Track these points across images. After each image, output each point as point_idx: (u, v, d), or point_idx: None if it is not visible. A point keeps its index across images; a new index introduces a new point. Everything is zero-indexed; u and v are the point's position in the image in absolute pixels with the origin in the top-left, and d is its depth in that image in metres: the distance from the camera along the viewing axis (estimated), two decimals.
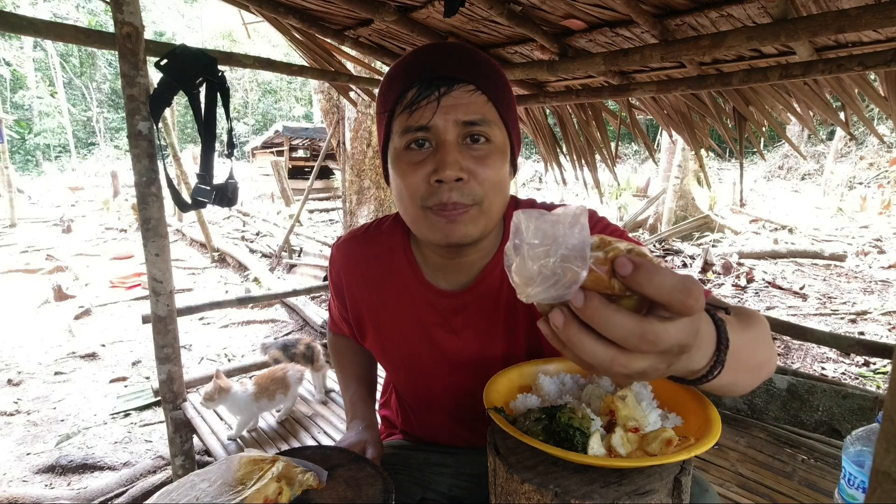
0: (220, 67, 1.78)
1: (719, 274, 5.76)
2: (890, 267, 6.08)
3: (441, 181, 0.70)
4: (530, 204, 0.89)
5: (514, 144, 0.78)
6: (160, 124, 1.70)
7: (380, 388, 1.23)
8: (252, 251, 7.40)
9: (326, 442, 1.73)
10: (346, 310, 0.98)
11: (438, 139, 0.70)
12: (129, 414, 3.08)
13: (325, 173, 14.49)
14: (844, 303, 4.92)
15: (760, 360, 0.59)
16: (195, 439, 1.93)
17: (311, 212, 11.47)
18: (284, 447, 1.66)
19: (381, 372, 1.13)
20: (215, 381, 1.70)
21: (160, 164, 1.67)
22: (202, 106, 1.76)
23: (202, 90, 1.75)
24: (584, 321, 0.39)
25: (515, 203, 0.88)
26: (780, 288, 5.39)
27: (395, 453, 1.01)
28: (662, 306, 0.39)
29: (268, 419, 1.90)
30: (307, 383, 2.14)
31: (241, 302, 2.78)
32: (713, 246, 7.06)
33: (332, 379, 2.15)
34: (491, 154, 0.73)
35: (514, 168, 0.81)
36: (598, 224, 0.84)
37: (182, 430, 1.90)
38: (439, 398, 0.96)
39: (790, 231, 8.19)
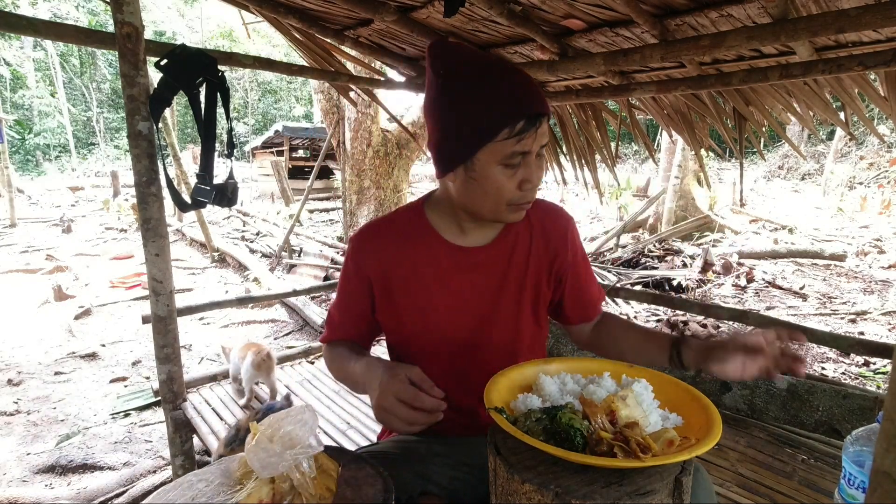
0: (220, 67, 1.78)
1: (719, 274, 5.76)
2: (890, 267, 6.08)
3: (531, 186, 0.93)
4: None
5: None
6: (160, 124, 1.70)
7: None
8: (252, 251, 7.40)
9: (326, 442, 1.73)
10: (363, 294, 1.05)
11: (528, 158, 0.91)
12: (129, 414, 3.08)
13: (325, 173, 14.47)
14: (844, 303, 4.92)
15: None
16: (195, 439, 1.93)
17: (311, 212, 11.47)
18: None
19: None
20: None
21: (160, 164, 1.67)
22: (202, 106, 1.76)
23: (202, 90, 1.75)
24: None
25: None
26: (780, 288, 5.39)
27: (396, 445, 1.04)
28: None
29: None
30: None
31: (241, 302, 2.78)
32: (713, 246, 7.05)
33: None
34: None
35: None
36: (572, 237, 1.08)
37: (182, 430, 1.90)
38: (446, 347, 1.02)
39: (790, 231, 8.17)
